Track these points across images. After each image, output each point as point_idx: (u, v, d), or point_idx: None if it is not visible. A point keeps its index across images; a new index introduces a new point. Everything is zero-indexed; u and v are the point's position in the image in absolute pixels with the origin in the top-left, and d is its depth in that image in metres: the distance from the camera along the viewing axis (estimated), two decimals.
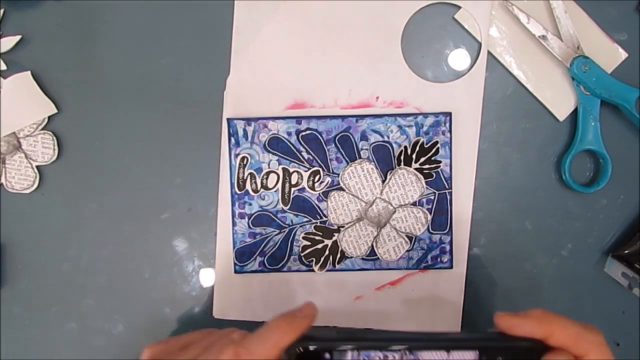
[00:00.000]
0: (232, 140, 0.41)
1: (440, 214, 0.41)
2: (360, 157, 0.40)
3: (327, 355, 0.28)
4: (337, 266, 0.41)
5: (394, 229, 0.40)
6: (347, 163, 0.40)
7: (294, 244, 0.41)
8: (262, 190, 0.41)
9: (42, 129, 0.42)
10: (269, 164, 0.41)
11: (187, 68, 0.42)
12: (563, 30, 0.39)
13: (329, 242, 0.41)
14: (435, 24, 0.41)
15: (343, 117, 0.40)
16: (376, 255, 0.41)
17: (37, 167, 0.42)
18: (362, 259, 0.41)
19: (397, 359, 0.28)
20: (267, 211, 0.41)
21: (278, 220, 0.41)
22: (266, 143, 0.41)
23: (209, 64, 0.41)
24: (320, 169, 0.41)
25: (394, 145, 0.40)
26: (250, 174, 0.41)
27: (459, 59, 0.41)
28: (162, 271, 0.43)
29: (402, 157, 0.40)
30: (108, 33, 0.42)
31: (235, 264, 0.41)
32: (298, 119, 0.40)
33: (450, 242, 0.41)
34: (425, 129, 0.40)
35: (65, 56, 0.42)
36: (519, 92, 0.41)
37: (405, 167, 0.40)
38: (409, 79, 0.41)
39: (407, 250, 0.41)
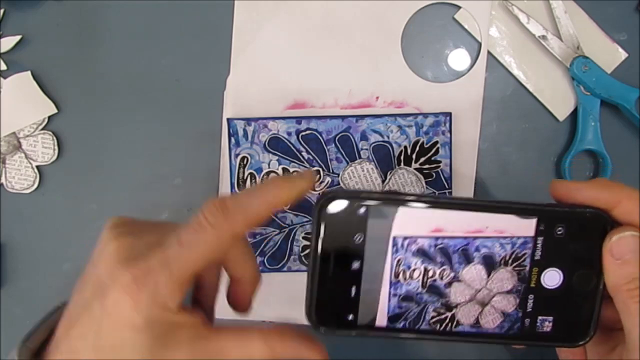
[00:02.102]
0: (232, 140, 0.41)
1: None
2: (360, 157, 0.40)
3: (362, 210, 0.25)
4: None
5: None
6: (347, 163, 0.40)
7: (294, 243, 0.41)
8: None
9: (42, 129, 0.42)
10: (269, 164, 0.41)
11: (187, 68, 0.42)
12: (563, 30, 0.39)
13: None
14: (435, 24, 0.41)
15: (343, 117, 0.40)
16: None
17: (37, 167, 0.42)
18: None
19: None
20: None
21: (278, 220, 0.41)
22: (266, 143, 0.41)
23: (209, 64, 0.41)
24: (320, 169, 0.41)
25: (394, 145, 0.40)
26: (251, 174, 0.41)
27: (459, 59, 0.41)
28: None
29: (402, 157, 0.40)
30: (108, 33, 0.42)
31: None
32: (298, 119, 0.40)
33: None
34: (425, 129, 0.40)
35: (65, 56, 0.42)
36: (519, 92, 0.41)
37: (405, 167, 0.40)
38: (409, 79, 0.41)
39: None
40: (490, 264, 0.26)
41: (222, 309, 0.42)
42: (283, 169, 0.40)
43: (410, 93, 0.40)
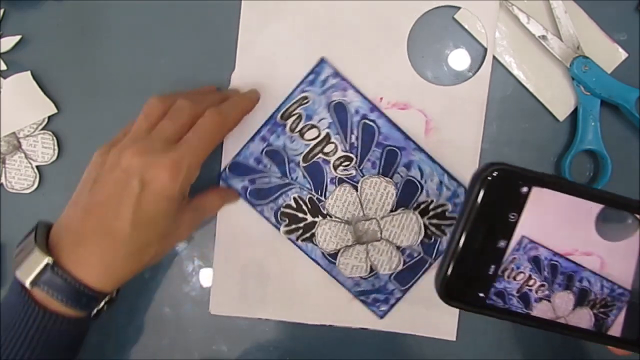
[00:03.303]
0: (313, 75, 0.40)
1: None
2: (391, 178, 0.40)
3: (525, 189, 0.25)
4: (299, 243, 0.41)
5: (386, 240, 0.40)
6: (378, 173, 0.40)
7: (282, 196, 0.41)
8: (297, 134, 0.40)
9: (42, 129, 0.42)
10: (319, 120, 0.40)
11: (187, 68, 0.42)
12: (563, 30, 0.39)
13: (308, 219, 0.41)
14: (439, 26, 0.41)
15: (406, 136, 0.40)
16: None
17: (37, 167, 0.42)
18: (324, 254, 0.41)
19: None
20: (285, 153, 0.40)
21: (287, 167, 0.41)
22: (332, 103, 0.40)
23: (212, 64, 0.41)
24: (355, 159, 0.40)
25: (423, 193, 0.40)
26: (300, 115, 0.40)
27: (461, 60, 0.41)
28: (161, 271, 0.43)
29: (421, 206, 0.40)
30: (108, 33, 0.42)
31: (224, 170, 0.41)
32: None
33: None
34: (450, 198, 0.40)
35: (65, 56, 0.42)
36: (519, 92, 0.41)
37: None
38: (413, 80, 0.40)
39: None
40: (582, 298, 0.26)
41: (221, 307, 0.42)
42: (327, 133, 0.40)
43: (414, 94, 0.40)
